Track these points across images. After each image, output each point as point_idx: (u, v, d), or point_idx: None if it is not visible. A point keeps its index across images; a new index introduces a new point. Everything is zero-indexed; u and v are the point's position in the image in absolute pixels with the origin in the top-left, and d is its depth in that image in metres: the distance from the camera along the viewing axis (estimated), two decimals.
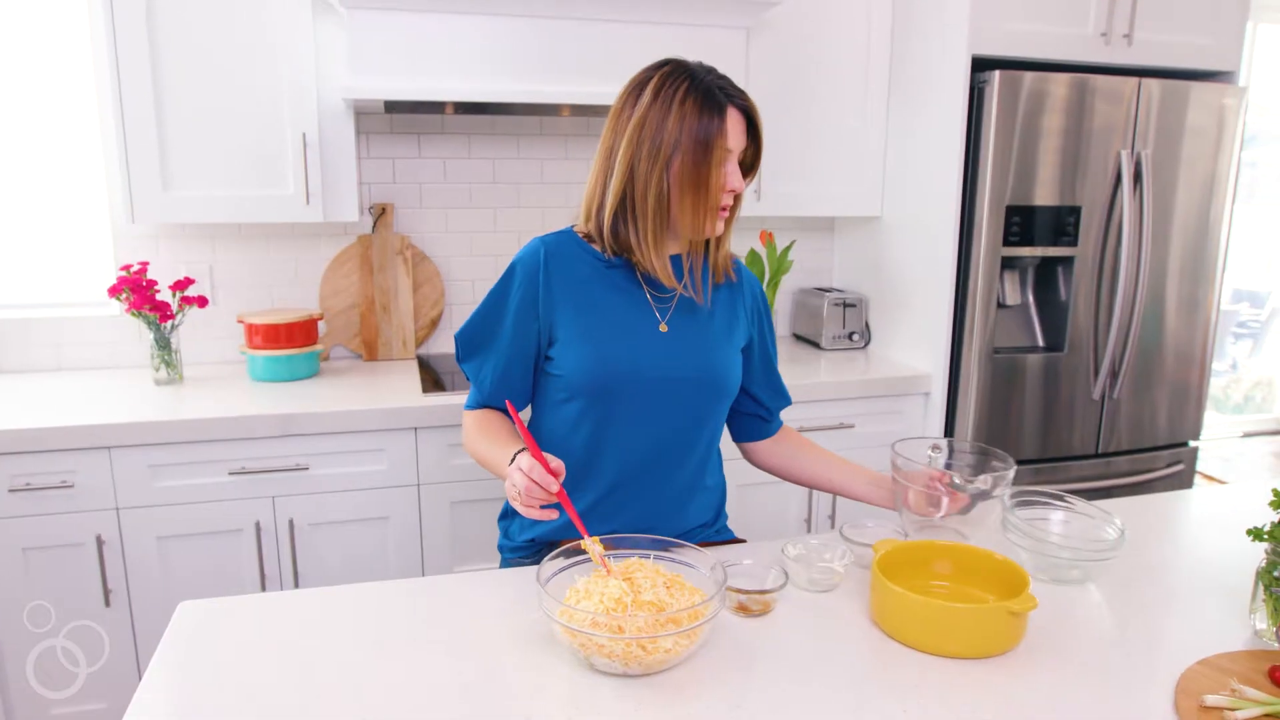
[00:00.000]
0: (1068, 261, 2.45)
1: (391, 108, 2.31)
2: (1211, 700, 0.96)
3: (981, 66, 2.34)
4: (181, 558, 2.03)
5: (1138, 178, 2.42)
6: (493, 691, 0.99)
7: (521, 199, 2.70)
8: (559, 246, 1.38)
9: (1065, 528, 1.35)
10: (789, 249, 2.73)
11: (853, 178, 2.70)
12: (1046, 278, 2.53)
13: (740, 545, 1.45)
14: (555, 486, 1.15)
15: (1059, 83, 2.32)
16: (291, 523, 2.07)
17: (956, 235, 2.41)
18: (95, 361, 2.46)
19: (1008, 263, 2.43)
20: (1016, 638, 1.09)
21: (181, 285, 2.30)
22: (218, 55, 2.13)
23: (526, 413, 1.45)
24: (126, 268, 2.27)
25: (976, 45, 2.31)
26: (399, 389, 2.25)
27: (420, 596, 1.23)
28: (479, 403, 1.46)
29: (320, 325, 2.54)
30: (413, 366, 2.51)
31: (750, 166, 1.39)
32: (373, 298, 2.58)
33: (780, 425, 1.61)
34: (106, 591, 1.98)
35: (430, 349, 2.70)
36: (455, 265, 2.69)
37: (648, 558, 1.16)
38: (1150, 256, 2.45)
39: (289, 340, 2.30)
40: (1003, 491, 1.32)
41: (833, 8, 2.57)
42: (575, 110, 2.41)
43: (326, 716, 0.95)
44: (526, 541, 1.46)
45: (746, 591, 1.17)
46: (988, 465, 1.38)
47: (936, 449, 1.46)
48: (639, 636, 0.99)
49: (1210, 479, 3.47)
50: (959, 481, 1.31)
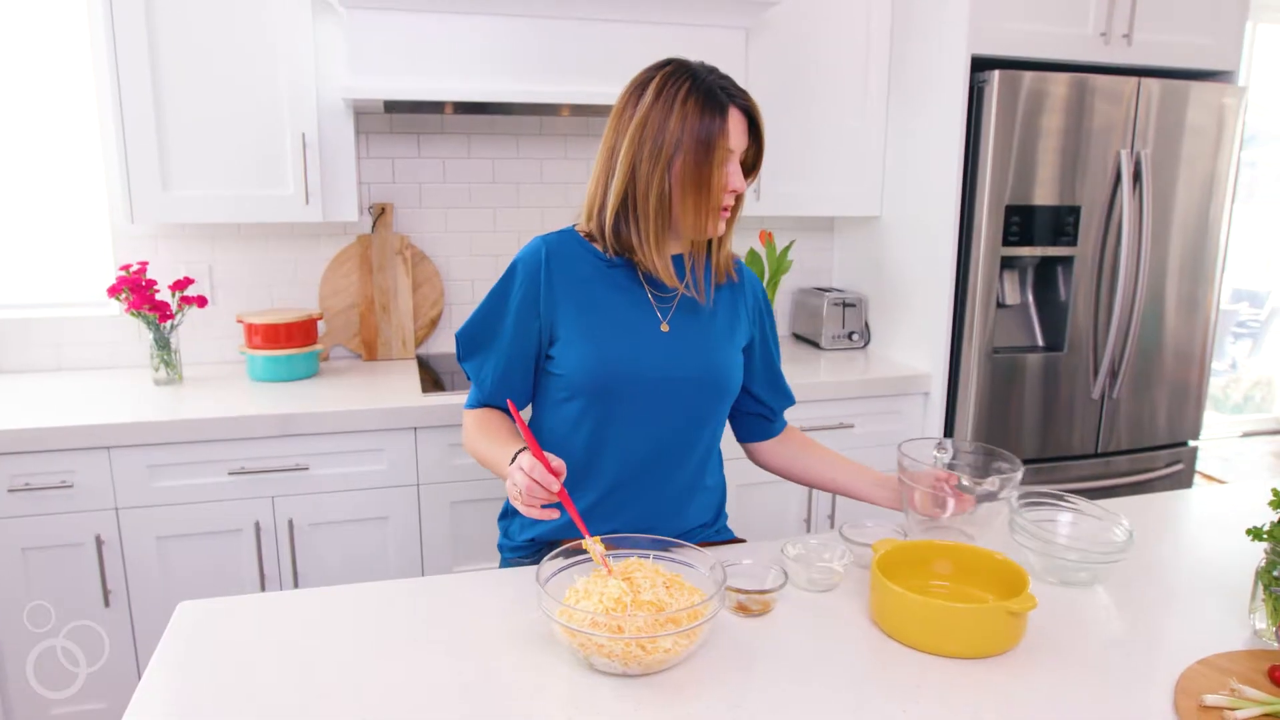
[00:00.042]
0: (1067, 261, 2.45)
1: (391, 107, 2.31)
2: (1211, 700, 0.96)
3: (981, 66, 2.34)
4: (181, 558, 2.03)
5: (1137, 177, 2.43)
6: (492, 691, 0.99)
7: (521, 199, 2.70)
8: (560, 246, 1.38)
9: (1073, 529, 1.34)
10: (788, 249, 2.74)
11: (852, 177, 2.70)
12: (1046, 277, 2.53)
13: (740, 545, 1.45)
14: (556, 486, 1.15)
15: (1059, 82, 2.32)
16: (291, 523, 2.07)
17: (956, 235, 2.41)
18: (95, 361, 2.46)
19: (1007, 262, 2.43)
20: (1016, 637, 1.09)
21: (181, 285, 2.30)
22: (217, 55, 2.13)
23: (527, 412, 1.45)
24: (126, 268, 2.27)
25: (976, 45, 2.31)
26: (398, 389, 2.25)
27: (420, 596, 1.23)
28: (479, 402, 1.46)
29: (320, 325, 2.54)
30: (412, 366, 2.51)
31: (752, 167, 1.39)
32: (372, 297, 2.58)
33: (784, 425, 1.61)
34: (106, 592, 1.98)
35: (430, 349, 2.70)
36: (455, 265, 2.68)
37: (647, 557, 1.16)
38: (1150, 256, 2.45)
39: (288, 340, 2.30)
40: (1010, 493, 1.31)
41: (832, 8, 2.57)
42: (575, 110, 2.41)
43: (326, 716, 0.95)
44: (526, 541, 1.46)
45: (746, 591, 1.17)
46: (995, 467, 1.37)
47: (941, 449, 1.46)
48: (638, 636, 0.99)
49: (1210, 479, 3.47)
50: (967, 483, 1.30)
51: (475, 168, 2.65)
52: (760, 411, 1.56)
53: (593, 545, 1.13)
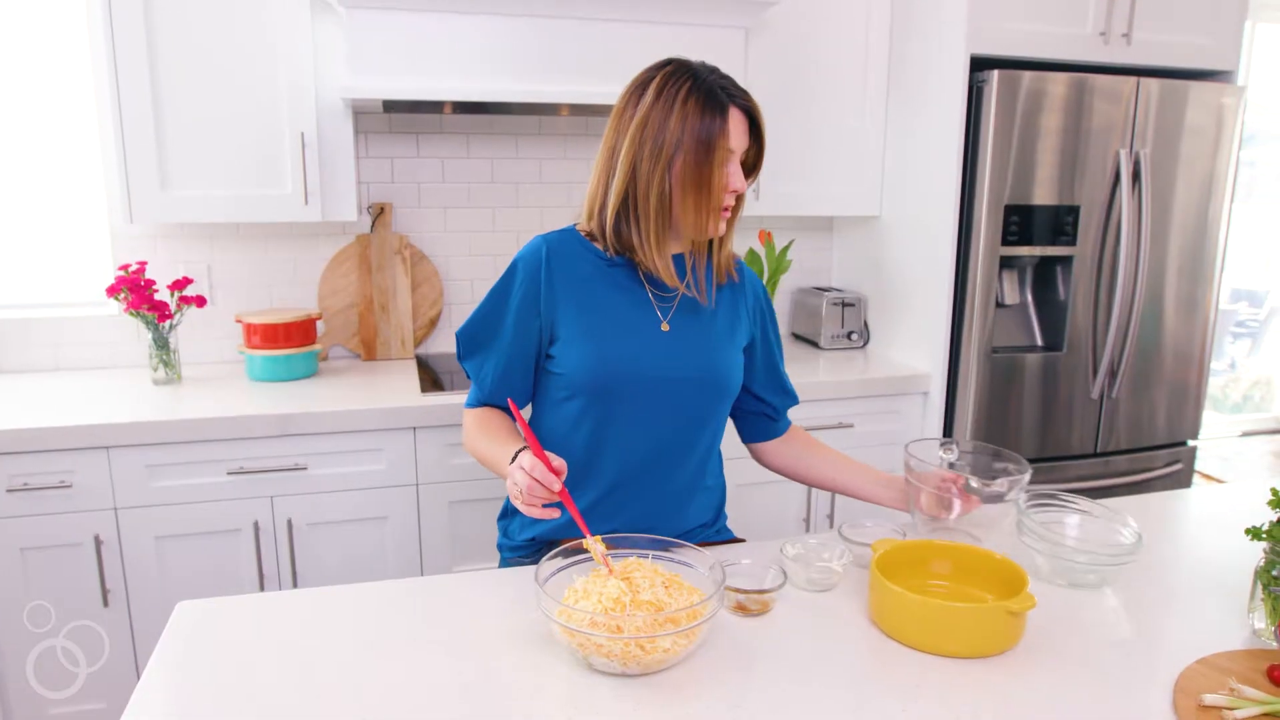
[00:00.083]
0: (1066, 261, 2.45)
1: (390, 107, 2.30)
2: (1210, 699, 0.96)
3: (980, 66, 2.34)
4: (179, 558, 2.03)
5: (1136, 177, 2.43)
6: (491, 691, 0.99)
7: (520, 198, 2.70)
8: (561, 245, 1.38)
9: (1081, 531, 1.33)
10: (787, 248, 2.74)
11: (851, 177, 2.70)
12: (1045, 277, 2.53)
13: (739, 545, 1.45)
14: (557, 485, 1.15)
15: (1058, 82, 2.32)
16: (290, 522, 2.07)
17: (955, 235, 2.41)
18: (93, 361, 2.45)
19: (1006, 262, 2.43)
20: (1015, 637, 1.09)
21: (180, 285, 2.30)
22: (216, 55, 2.13)
23: (526, 411, 1.45)
24: (125, 267, 2.26)
25: (975, 45, 2.31)
26: (397, 389, 2.25)
27: (419, 596, 1.23)
28: (480, 401, 1.45)
29: (319, 325, 2.54)
30: (411, 366, 2.51)
31: (752, 167, 1.39)
32: (371, 297, 2.58)
33: (789, 425, 1.60)
34: (105, 591, 1.98)
35: (429, 349, 2.70)
36: (454, 265, 2.68)
37: (646, 557, 1.16)
38: (1149, 256, 2.45)
39: (287, 340, 2.30)
40: (1017, 495, 1.31)
41: (831, 7, 2.57)
42: (574, 110, 2.41)
43: (325, 716, 0.95)
44: (526, 541, 1.46)
45: (745, 591, 1.17)
46: (1002, 468, 1.37)
47: (947, 449, 1.45)
48: (637, 636, 0.99)
49: (1209, 478, 3.47)
50: (976, 485, 1.30)
51: (474, 167, 2.65)
52: (763, 411, 1.56)
53: (594, 544, 1.13)
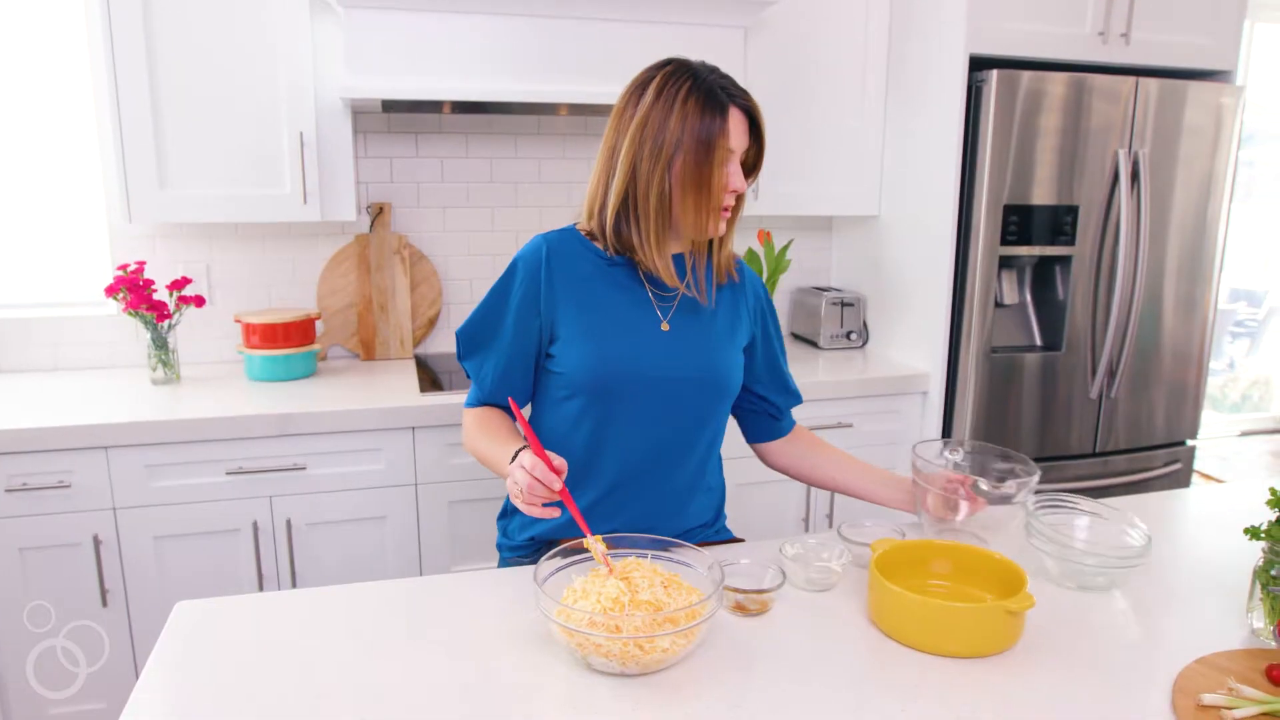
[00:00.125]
0: (1065, 261, 2.45)
1: (389, 107, 2.30)
2: (1209, 699, 0.96)
3: (979, 66, 2.34)
4: (178, 558, 2.02)
5: (1135, 177, 2.43)
6: (490, 691, 0.99)
7: (519, 198, 2.70)
8: (561, 244, 1.38)
9: (1089, 533, 1.32)
10: (787, 248, 2.74)
11: (851, 177, 2.70)
12: (1044, 277, 2.53)
13: (738, 545, 1.45)
14: (558, 484, 1.15)
15: (1057, 82, 2.32)
16: (289, 522, 2.07)
17: (954, 234, 2.41)
18: (92, 361, 2.45)
19: (1005, 262, 2.43)
20: (1015, 637, 1.09)
21: (179, 285, 2.30)
22: (215, 54, 2.13)
23: (526, 411, 1.45)
24: (123, 267, 2.26)
25: (974, 44, 2.31)
26: (396, 388, 2.25)
27: (418, 596, 1.23)
28: (479, 400, 1.45)
29: (318, 325, 2.54)
30: (410, 366, 2.51)
31: (753, 167, 1.39)
32: (370, 297, 2.58)
33: (793, 425, 1.60)
34: (104, 591, 1.98)
35: (428, 348, 2.70)
36: (453, 264, 2.68)
37: (645, 557, 1.16)
38: (1148, 256, 2.46)
39: (286, 340, 2.30)
40: (1025, 497, 1.30)
41: (831, 7, 2.57)
42: (573, 110, 2.41)
43: (324, 716, 0.95)
44: (526, 540, 1.46)
45: (744, 591, 1.17)
46: (1010, 469, 1.36)
47: (952, 449, 1.45)
48: (636, 636, 0.99)
49: (1208, 478, 3.48)
50: (985, 487, 1.30)
51: (473, 167, 2.65)
52: (766, 410, 1.56)
53: (594, 544, 1.12)
